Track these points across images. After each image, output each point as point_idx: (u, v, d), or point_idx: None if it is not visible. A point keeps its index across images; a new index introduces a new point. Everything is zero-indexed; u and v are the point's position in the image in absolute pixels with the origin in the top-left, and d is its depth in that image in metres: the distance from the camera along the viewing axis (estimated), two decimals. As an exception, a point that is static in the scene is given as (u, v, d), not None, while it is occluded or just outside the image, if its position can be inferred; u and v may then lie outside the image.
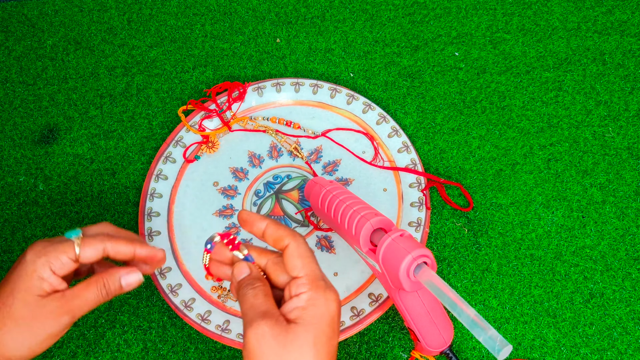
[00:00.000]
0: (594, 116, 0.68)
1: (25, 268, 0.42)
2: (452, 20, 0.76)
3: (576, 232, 0.61)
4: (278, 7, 0.79)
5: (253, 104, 0.69)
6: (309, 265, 0.39)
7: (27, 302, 0.41)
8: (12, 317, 0.41)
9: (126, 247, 0.44)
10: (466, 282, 0.58)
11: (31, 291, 0.41)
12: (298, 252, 0.39)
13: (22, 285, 0.41)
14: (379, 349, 0.55)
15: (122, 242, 0.44)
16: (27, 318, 0.41)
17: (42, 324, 0.42)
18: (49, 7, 0.80)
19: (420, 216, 0.60)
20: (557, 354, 0.55)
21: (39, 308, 0.41)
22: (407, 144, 0.65)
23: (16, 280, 0.42)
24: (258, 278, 0.40)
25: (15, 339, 0.41)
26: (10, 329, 0.41)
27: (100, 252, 0.44)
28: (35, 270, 0.42)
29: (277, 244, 0.40)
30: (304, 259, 0.39)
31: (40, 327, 0.42)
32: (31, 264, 0.42)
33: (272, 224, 0.41)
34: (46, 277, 0.42)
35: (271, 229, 0.40)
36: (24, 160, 0.68)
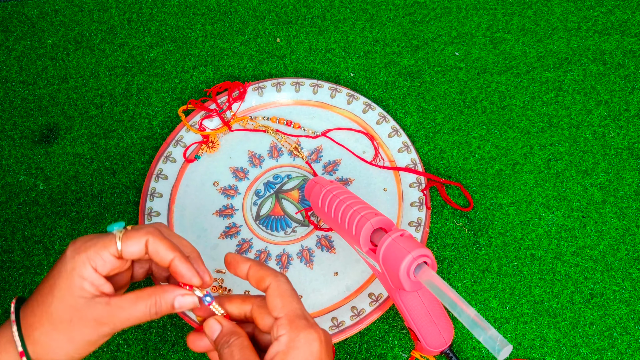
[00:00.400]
0: (594, 116, 0.68)
1: (64, 265, 0.38)
2: (453, 20, 0.76)
3: (576, 232, 0.61)
4: (278, 6, 0.79)
5: (253, 103, 0.69)
6: (290, 304, 0.37)
7: (67, 303, 0.37)
8: (51, 319, 0.37)
9: (166, 251, 0.39)
10: (466, 282, 0.58)
11: (72, 292, 0.37)
12: (278, 291, 0.38)
13: (62, 284, 0.37)
14: (379, 348, 0.55)
15: (165, 244, 0.39)
16: (66, 322, 0.37)
17: (80, 331, 0.38)
18: (49, 6, 0.80)
19: (421, 216, 0.60)
20: (557, 354, 0.55)
21: (79, 312, 0.37)
22: (407, 144, 0.65)
23: (56, 278, 0.38)
24: (231, 333, 0.39)
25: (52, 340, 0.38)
26: (47, 330, 0.38)
27: (143, 246, 0.39)
28: (74, 268, 0.37)
29: (259, 284, 0.39)
30: (284, 298, 0.37)
31: (79, 333, 0.38)
32: (70, 260, 0.37)
33: (255, 265, 0.39)
34: (87, 275, 0.37)
35: (253, 270, 0.39)
36: (24, 159, 0.68)
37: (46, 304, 0.38)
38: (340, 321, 0.55)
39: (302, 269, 0.59)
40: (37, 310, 0.38)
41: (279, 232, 0.61)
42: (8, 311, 0.57)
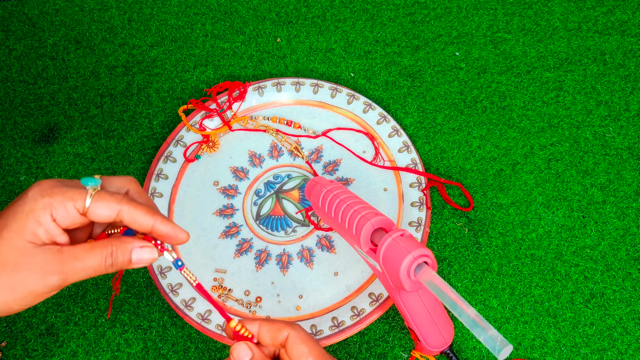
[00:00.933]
0: (594, 116, 0.68)
1: (22, 206, 0.34)
2: (453, 20, 0.76)
3: (577, 232, 0.61)
4: (279, 6, 0.79)
5: (253, 103, 0.69)
6: (316, 348, 0.37)
7: (14, 245, 0.34)
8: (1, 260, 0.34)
9: (144, 217, 0.37)
10: (466, 282, 0.58)
11: (23, 234, 0.34)
12: (301, 339, 0.37)
13: (14, 224, 0.34)
14: (379, 348, 0.55)
15: (142, 210, 0.37)
16: (10, 266, 0.34)
17: (25, 277, 0.34)
18: (49, 6, 0.80)
19: (421, 216, 0.60)
20: (557, 354, 0.55)
21: (27, 257, 0.34)
22: (407, 144, 0.65)
23: (9, 217, 0.34)
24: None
25: None
26: None
27: (114, 213, 0.36)
28: (33, 210, 0.34)
29: (275, 338, 0.38)
30: (309, 343, 0.37)
31: (23, 280, 0.34)
32: (31, 201, 0.34)
33: (265, 322, 0.38)
34: (44, 222, 0.34)
35: (266, 326, 0.38)
36: (24, 159, 0.68)
37: None
38: (340, 321, 0.55)
39: (302, 268, 0.59)
40: None
41: (279, 232, 0.61)
42: None
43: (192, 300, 0.57)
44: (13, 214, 0.35)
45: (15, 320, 0.58)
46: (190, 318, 0.56)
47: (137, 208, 0.36)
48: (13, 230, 0.34)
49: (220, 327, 0.55)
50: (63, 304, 0.58)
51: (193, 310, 0.56)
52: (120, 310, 0.58)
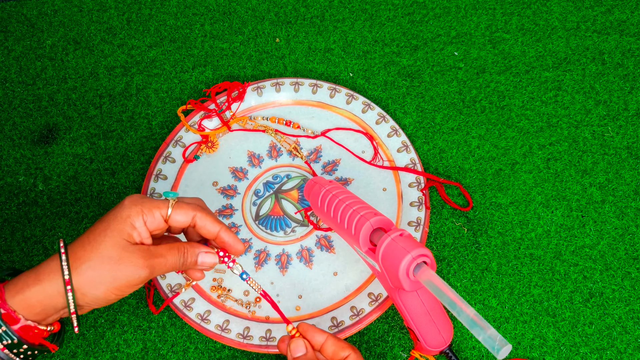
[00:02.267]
0: (593, 115, 0.68)
1: (121, 212, 0.43)
2: (452, 19, 0.76)
3: (575, 232, 0.61)
4: (277, 6, 0.79)
5: (252, 103, 0.69)
6: None
7: (116, 242, 0.42)
8: (99, 254, 0.41)
9: (213, 224, 0.46)
10: (466, 282, 0.58)
11: (123, 235, 0.42)
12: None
13: (115, 226, 0.42)
14: (378, 348, 0.56)
15: (211, 218, 0.46)
16: (114, 258, 0.42)
17: (124, 268, 0.42)
18: (48, 6, 0.80)
19: (420, 216, 0.60)
20: (556, 353, 0.55)
21: (126, 252, 0.42)
22: (406, 144, 0.65)
23: (111, 220, 0.43)
24: None
25: (97, 275, 0.41)
26: (95, 264, 0.41)
27: (190, 219, 0.45)
28: (129, 216, 0.43)
29: (336, 355, 0.45)
30: None
31: (123, 271, 0.42)
32: (127, 209, 0.43)
33: (332, 337, 0.46)
34: (138, 226, 0.43)
35: (331, 341, 0.45)
36: (23, 160, 0.68)
37: (97, 242, 0.42)
38: (339, 321, 0.55)
39: (301, 268, 0.59)
40: (87, 247, 0.42)
41: (278, 232, 0.61)
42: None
43: (192, 300, 0.57)
44: (113, 218, 0.43)
45: (15, 321, 0.58)
46: (189, 318, 0.56)
47: (207, 216, 0.46)
48: (115, 231, 0.42)
49: (219, 327, 0.55)
50: (62, 304, 0.58)
51: (192, 310, 0.56)
52: (119, 310, 0.58)
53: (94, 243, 0.42)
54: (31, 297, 0.41)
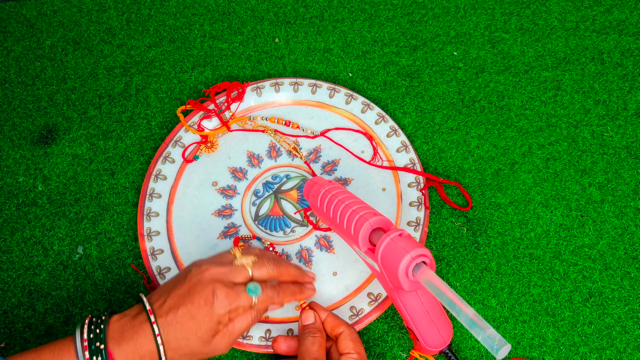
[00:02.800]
0: (592, 115, 0.68)
1: (212, 314, 0.46)
2: (451, 19, 0.76)
3: (575, 231, 0.61)
4: (277, 7, 0.79)
5: (252, 103, 0.69)
6: (359, 347, 0.49)
7: (204, 341, 0.46)
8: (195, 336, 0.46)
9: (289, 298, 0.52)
10: (465, 282, 0.58)
11: (210, 333, 0.46)
12: (351, 337, 0.49)
13: (204, 326, 0.46)
14: (378, 348, 0.56)
15: (287, 297, 0.52)
16: (200, 354, 0.47)
17: (212, 352, 0.48)
18: (47, 7, 0.80)
19: (419, 215, 0.60)
20: (556, 353, 0.55)
21: (209, 346, 0.47)
22: (405, 144, 0.65)
23: (202, 319, 0.46)
24: (319, 329, 0.51)
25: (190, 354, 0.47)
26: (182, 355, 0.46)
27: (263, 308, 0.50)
28: (220, 319, 0.47)
29: (333, 330, 0.50)
30: (355, 342, 0.49)
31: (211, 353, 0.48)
32: (218, 313, 0.46)
33: (331, 314, 0.52)
34: (225, 323, 0.47)
35: (331, 318, 0.51)
36: (22, 160, 0.68)
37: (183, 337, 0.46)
38: (339, 321, 0.55)
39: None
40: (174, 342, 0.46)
41: (277, 232, 0.61)
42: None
43: (191, 300, 0.57)
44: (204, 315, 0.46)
45: (15, 321, 0.58)
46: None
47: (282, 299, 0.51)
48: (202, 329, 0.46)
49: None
50: (62, 305, 0.58)
51: (192, 310, 0.56)
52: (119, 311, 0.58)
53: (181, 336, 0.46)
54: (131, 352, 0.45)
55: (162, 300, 0.47)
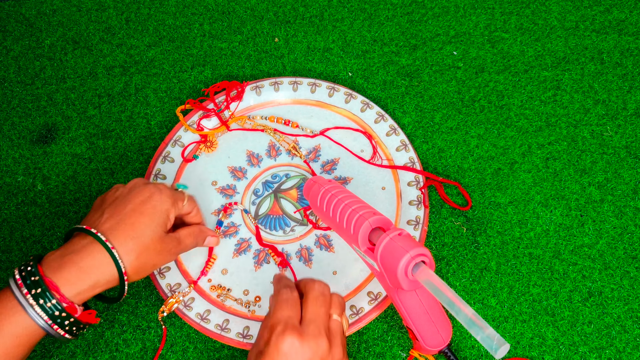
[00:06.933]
0: (592, 115, 0.68)
1: (160, 204, 0.49)
2: (451, 19, 0.76)
3: (574, 231, 0.61)
4: (276, 6, 0.79)
5: (251, 103, 0.69)
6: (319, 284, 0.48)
7: (157, 235, 0.48)
8: (144, 246, 0.47)
9: (201, 220, 0.57)
10: (465, 281, 0.58)
11: (162, 228, 0.49)
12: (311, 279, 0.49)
13: (155, 219, 0.48)
14: (377, 347, 0.56)
15: (200, 216, 0.56)
16: (156, 250, 0.48)
17: (163, 258, 0.50)
18: (47, 6, 0.80)
19: (419, 214, 0.60)
20: (555, 353, 0.55)
21: (164, 244, 0.49)
22: (405, 143, 0.65)
23: (150, 212, 0.48)
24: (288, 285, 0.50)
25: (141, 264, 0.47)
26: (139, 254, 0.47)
27: (191, 209, 0.54)
28: (168, 210, 0.49)
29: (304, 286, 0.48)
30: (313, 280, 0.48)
31: (161, 260, 0.50)
32: (166, 203, 0.49)
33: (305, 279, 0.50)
34: (171, 218, 0.50)
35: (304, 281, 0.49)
36: (22, 160, 0.67)
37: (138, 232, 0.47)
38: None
39: (300, 268, 0.59)
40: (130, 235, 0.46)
41: (277, 232, 0.61)
42: None
43: (191, 300, 0.57)
44: (152, 208, 0.48)
45: (14, 320, 0.58)
46: (189, 318, 0.56)
47: (199, 211, 0.56)
48: (154, 223, 0.48)
49: (219, 326, 0.55)
50: (61, 304, 0.58)
51: (192, 310, 0.56)
52: (118, 310, 0.58)
53: (134, 234, 0.46)
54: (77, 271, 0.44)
55: (97, 216, 0.48)
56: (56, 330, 0.44)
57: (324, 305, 0.47)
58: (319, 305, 0.46)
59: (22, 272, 0.43)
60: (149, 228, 0.47)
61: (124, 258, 0.46)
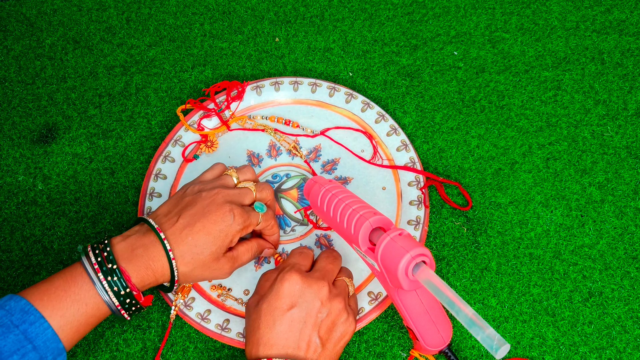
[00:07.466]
0: (592, 115, 0.68)
1: (228, 231, 0.50)
2: (451, 19, 0.76)
3: (575, 231, 0.61)
4: (277, 6, 0.79)
5: (252, 103, 0.69)
6: None
7: (216, 256, 0.50)
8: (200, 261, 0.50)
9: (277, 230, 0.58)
10: (465, 281, 0.58)
11: (222, 250, 0.51)
12: None
13: (219, 241, 0.50)
14: (378, 347, 0.56)
15: (277, 227, 0.57)
16: (210, 268, 0.51)
17: (215, 275, 0.52)
18: (47, 6, 0.80)
19: (420, 214, 0.60)
20: (555, 353, 0.55)
21: (219, 264, 0.51)
22: (405, 142, 0.65)
23: (217, 235, 0.50)
24: None
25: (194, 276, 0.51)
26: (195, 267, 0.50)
27: (263, 227, 0.55)
28: (234, 235, 0.51)
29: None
30: None
31: (213, 276, 0.52)
32: (234, 229, 0.50)
33: None
34: (234, 241, 0.51)
35: None
36: (22, 159, 0.67)
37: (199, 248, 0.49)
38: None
39: (301, 268, 0.59)
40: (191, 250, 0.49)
41: (277, 232, 0.61)
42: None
43: (192, 300, 0.57)
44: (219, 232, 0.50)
45: (14, 320, 0.58)
46: (189, 318, 0.56)
47: (274, 226, 0.56)
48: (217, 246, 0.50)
49: (219, 326, 0.55)
50: (62, 304, 0.58)
51: (192, 309, 0.56)
52: (119, 310, 0.58)
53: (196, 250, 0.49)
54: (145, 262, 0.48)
55: (171, 219, 0.50)
56: (122, 313, 0.48)
57: (332, 263, 0.52)
58: (327, 262, 0.52)
59: (97, 256, 0.47)
60: (210, 248, 0.50)
61: (180, 268, 0.49)
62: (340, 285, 0.51)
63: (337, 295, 0.49)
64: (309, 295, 0.48)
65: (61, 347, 0.45)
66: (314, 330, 0.47)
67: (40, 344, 0.43)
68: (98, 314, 0.47)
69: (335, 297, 0.48)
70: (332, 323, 0.48)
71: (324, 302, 0.48)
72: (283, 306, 0.47)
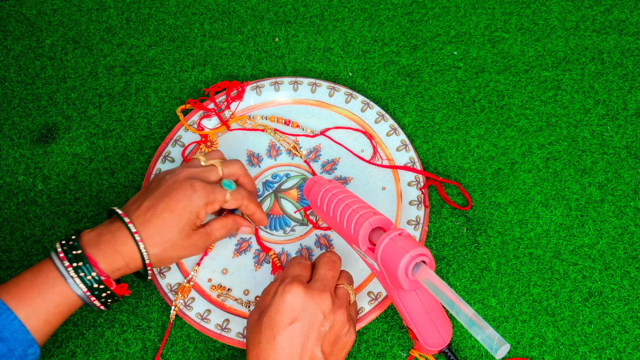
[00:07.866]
0: (592, 115, 0.68)
1: (191, 205, 0.50)
2: (451, 19, 0.76)
3: (575, 231, 0.61)
4: (277, 6, 0.79)
5: (252, 103, 0.69)
6: None
7: (184, 232, 0.50)
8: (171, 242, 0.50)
9: (255, 209, 0.57)
10: (465, 281, 0.58)
11: (190, 225, 0.50)
12: None
13: (184, 218, 0.50)
14: (378, 347, 0.56)
15: (254, 205, 0.56)
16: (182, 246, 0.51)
17: (188, 253, 0.52)
18: (47, 6, 0.80)
19: (419, 214, 0.60)
20: (555, 353, 0.55)
21: (191, 240, 0.51)
22: (405, 142, 0.65)
23: (182, 212, 0.50)
24: None
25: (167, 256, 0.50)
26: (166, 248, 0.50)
27: (238, 205, 0.55)
28: (198, 211, 0.50)
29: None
30: None
31: (186, 254, 0.52)
32: (197, 204, 0.50)
33: None
34: (202, 217, 0.51)
35: None
36: (22, 159, 0.67)
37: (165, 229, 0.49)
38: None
39: (300, 268, 0.59)
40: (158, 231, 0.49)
41: (277, 231, 0.61)
42: None
43: (192, 300, 0.57)
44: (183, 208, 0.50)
45: (14, 320, 0.58)
46: (189, 318, 0.56)
47: (251, 203, 0.56)
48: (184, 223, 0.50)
49: (219, 326, 0.55)
50: (62, 304, 0.58)
51: (192, 310, 0.56)
52: (118, 310, 0.58)
53: (162, 230, 0.49)
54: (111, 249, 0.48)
55: (137, 204, 0.50)
56: (93, 301, 0.47)
57: (332, 270, 0.50)
58: (327, 268, 0.50)
59: (63, 246, 0.47)
60: (177, 226, 0.49)
61: (150, 250, 0.49)
62: (341, 294, 0.50)
63: (339, 306, 0.48)
64: (311, 308, 0.46)
65: (30, 338, 0.45)
66: (317, 344, 0.45)
67: (8, 335, 0.43)
68: (67, 301, 0.46)
69: (337, 309, 0.47)
70: (335, 336, 0.47)
71: (326, 315, 0.46)
72: (284, 320, 0.45)
